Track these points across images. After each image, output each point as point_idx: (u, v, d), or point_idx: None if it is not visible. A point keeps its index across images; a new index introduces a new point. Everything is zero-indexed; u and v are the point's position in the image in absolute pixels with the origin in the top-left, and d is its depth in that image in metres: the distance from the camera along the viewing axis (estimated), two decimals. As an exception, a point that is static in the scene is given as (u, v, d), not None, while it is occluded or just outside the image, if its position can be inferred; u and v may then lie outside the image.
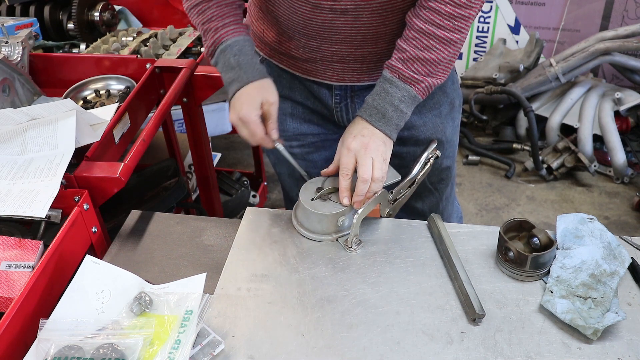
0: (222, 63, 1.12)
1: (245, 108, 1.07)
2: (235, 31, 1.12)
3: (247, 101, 1.08)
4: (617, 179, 2.82)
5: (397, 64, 1.04)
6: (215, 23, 1.11)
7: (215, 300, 0.97)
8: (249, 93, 1.08)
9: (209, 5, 1.11)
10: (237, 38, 1.11)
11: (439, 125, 1.28)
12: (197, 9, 1.12)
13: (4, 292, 0.93)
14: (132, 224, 1.20)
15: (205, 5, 1.12)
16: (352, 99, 1.24)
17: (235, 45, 1.10)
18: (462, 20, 0.99)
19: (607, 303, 0.93)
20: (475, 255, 1.07)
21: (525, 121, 2.97)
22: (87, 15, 1.96)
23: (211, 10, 1.11)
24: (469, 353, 0.89)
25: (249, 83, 1.08)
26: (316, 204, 1.10)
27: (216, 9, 1.12)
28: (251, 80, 1.09)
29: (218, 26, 1.11)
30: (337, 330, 0.92)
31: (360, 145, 1.04)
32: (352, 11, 1.05)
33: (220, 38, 1.11)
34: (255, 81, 1.09)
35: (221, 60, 1.12)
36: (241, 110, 1.07)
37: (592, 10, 3.07)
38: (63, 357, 0.81)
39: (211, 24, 1.12)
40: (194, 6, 1.13)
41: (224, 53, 1.11)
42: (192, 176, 2.17)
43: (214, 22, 1.11)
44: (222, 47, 1.11)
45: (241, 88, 1.09)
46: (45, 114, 1.18)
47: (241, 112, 1.07)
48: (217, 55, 1.12)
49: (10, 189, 1.05)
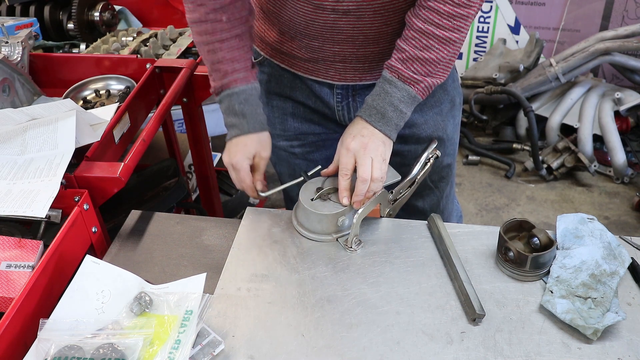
0: (226, 106, 1.15)
1: (239, 156, 1.13)
2: (245, 79, 1.14)
3: (242, 150, 1.14)
4: (617, 179, 2.82)
5: (396, 64, 1.04)
6: (225, 66, 1.12)
7: (215, 300, 0.97)
8: (246, 143, 1.14)
9: (222, 47, 1.11)
10: (245, 87, 1.13)
11: (440, 123, 1.28)
12: (209, 47, 1.12)
13: (4, 292, 0.93)
14: (132, 224, 1.20)
15: (218, 45, 1.11)
16: (353, 97, 1.24)
17: (242, 94, 1.13)
18: (461, 19, 0.99)
19: (607, 303, 0.93)
20: (475, 255, 1.07)
21: (525, 121, 2.97)
22: (87, 15, 1.96)
23: (223, 53, 1.11)
24: (469, 353, 0.89)
25: (249, 134, 1.14)
26: (316, 204, 1.10)
27: (228, 52, 1.11)
28: (251, 132, 1.14)
29: (228, 70, 1.12)
30: (337, 330, 0.92)
31: (359, 146, 1.04)
32: (354, 12, 1.05)
33: (229, 83, 1.13)
34: (254, 133, 1.14)
35: (226, 103, 1.15)
36: (234, 158, 1.13)
37: (592, 10, 3.07)
38: (63, 357, 0.81)
39: (221, 65, 1.12)
40: (205, 43, 1.12)
41: (230, 98, 1.14)
42: (192, 176, 2.17)
43: (224, 64, 1.12)
44: (229, 91, 1.13)
45: (240, 136, 1.14)
46: (45, 114, 1.18)
47: (234, 160, 1.13)
48: (223, 97, 1.15)
49: (10, 189, 1.05)
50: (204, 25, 1.10)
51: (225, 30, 1.10)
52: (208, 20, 1.09)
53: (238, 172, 1.15)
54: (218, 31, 1.10)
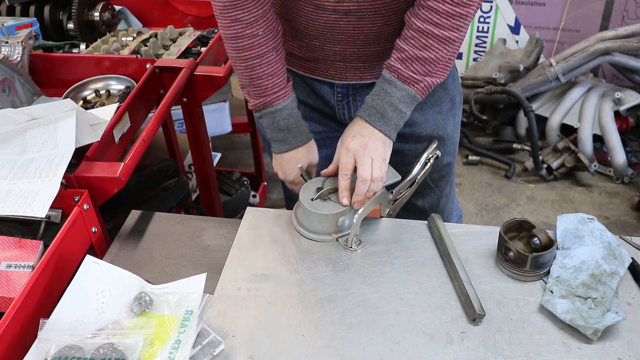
0: (269, 122, 1.16)
1: (295, 173, 1.21)
2: (285, 95, 1.14)
3: (295, 166, 1.20)
4: (617, 179, 2.82)
5: (396, 63, 1.04)
6: (266, 82, 1.12)
7: (215, 300, 0.97)
8: (298, 159, 1.20)
9: (260, 63, 1.10)
10: (287, 102, 1.14)
11: (440, 122, 1.28)
12: (247, 64, 1.10)
13: (4, 292, 0.93)
14: (132, 224, 1.20)
15: (257, 61, 1.09)
16: (354, 96, 1.24)
17: (285, 109, 1.14)
18: (460, 18, 0.99)
19: (607, 303, 0.93)
20: (475, 255, 1.07)
21: (525, 121, 2.97)
22: (87, 15, 1.96)
23: (262, 69, 1.10)
24: (469, 353, 0.89)
25: (298, 147, 1.19)
26: (316, 204, 1.10)
27: (267, 67, 1.10)
28: (299, 145, 1.19)
29: (268, 86, 1.12)
30: (337, 330, 0.92)
31: (359, 145, 1.04)
32: (355, 12, 1.05)
33: (272, 101, 1.13)
34: (302, 146, 1.19)
35: (268, 120, 1.16)
36: (291, 175, 1.22)
37: (592, 10, 3.07)
38: (63, 357, 0.81)
39: (261, 82, 1.12)
40: (243, 59, 1.10)
41: (272, 115, 1.15)
42: (192, 176, 2.18)
43: (264, 80, 1.12)
44: (271, 109, 1.14)
45: (290, 151, 1.19)
46: (45, 114, 1.18)
47: (291, 177, 1.22)
48: (265, 114, 1.16)
49: (10, 189, 1.05)
50: (241, 42, 1.07)
51: (263, 45, 1.08)
52: (245, 36, 1.06)
53: (297, 186, 1.22)
54: (256, 47, 1.08)
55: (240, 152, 3.15)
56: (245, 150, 3.12)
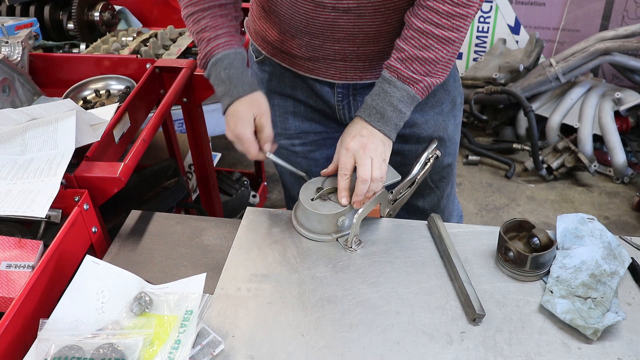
0: (214, 76, 1.12)
1: (239, 126, 1.09)
2: (227, 44, 1.11)
3: (240, 119, 1.09)
4: (617, 179, 2.82)
5: (395, 63, 1.04)
6: (208, 34, 1.11)
7: (215, 300, 0.97)
8: (241, 110, 1.09)
9: (204, 15, 1.11)
10: (229, 51, 1.11)
11: (441, 123, 1.28)
12: (193, 18, 1.12)
13: (4, 292, 0.93)
14: (132, 224, 1.20)
15: (200, 15, 1.11)
16: (354, 96, 1.24)
17: (225, 58, 1.10)
18: (461, 19, 0.99)
19: (607, 303, 0.93)
20: (475, 255, 1.07)
21: (525, 121, 2.97)
22: (87, 15, 1.96)
23: (205, 21, 1.10)
24: (469, 353, 0.89)
25: (239, 98, 1.10)
26: (316, 204, 1.10)
27: (210, 19, 1.10)
28: (241, 95, 1.10)
29: (210, 37, 1.11)
30: (337, 330, 0.92)
31: (359, 146, 1.04)
32: (355, 10, 1.05)
33: (212, 51, 1.11)
34: (245, 96, 1.10)
35: (213, 74, 1.12)
36: (235, 129, 1.09)
37: (592, 10, 3.07)
38: (63, 357, 0.81)
39: (204, 34, 1.11)
40: (190, 14, 1.12)
41: (215, 66, 1.11)
42: (192, 176, 2.17)
43: (207, 32, 1.11)
44: (213, 60, 1.11)
45: (232, 103, 1.10)
46: (45, 114, 1.18)
47: (235, 130, 1.09)
48: (209, 68, 1.13)
49: (10, 189, 1.05)
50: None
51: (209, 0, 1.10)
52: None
53: (243, 143, 1.11)
54: (201, 1, 1.10)
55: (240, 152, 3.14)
56: (245, 150, 3.11)
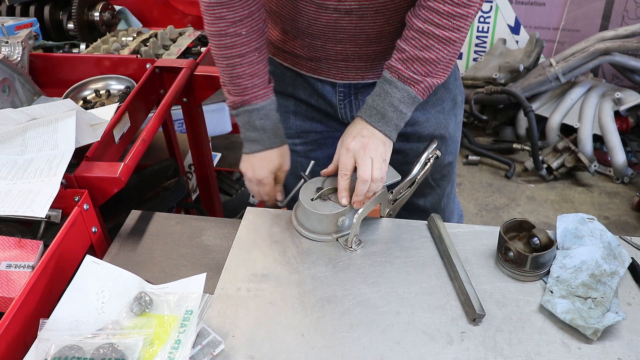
0: (244, 121, 1.16)
1: (265, 172, 1.18)
2: (264, 95, 1.14)
3: (267, 166, 1.18)
4: (617, 179, 2.82)
5: (396, 64, 1.04)
6: (245, 81, 1.12)
7: (215, 300, 0.97)
8: (271, 159, 1.18)
9: (241, 62, 1.10)
10: (265, 103, 1.14)
11: (442, 122, 1.28)
12: (228, 62, 1.11)
13: (4, 292, 0.93)
14: (132, 224, 1.20)
15: (237, 60, 1.10)
16: (356, 96, 1.24)
17: (262, 109, 1.14)
18: (461, 19, 0.99)
19: (607, 303, 0.93)
20: (475, 255, 1.07)
21: (525, 121, 2.97)
22: (87, 15, 1.96)
23: (243, 68, 1.11)
24: (469, 353, 0.89)
25: (271, 149, 1.17)
26: (316, 204, 1.10)
27: (248, 67, 1.11)
28: (273, 147, 1.17)
29: (248, 86, 1.12)
30: (337, 330, 0.92)
31: (359, 146, 1.04)
32: (357, 11, 1.05)
33: (249, 100, 1.13)
34: (277, 148, 1.18)
35: (244, 118, 1.16)
36: (261, 173, 1.18)
37: (592, 10, 3.07)
38: (63, 357, 0.81)
39: (241, 81, 1.12)
40: (225, 57, 1.11)
41: (249, 113, 1.14)
42: (192, 176, 2.17)
43: (244, 80, 1.12)
44: (249, 107, 1.14)
45: (262, 151, 1.17)
46: (45, 114, 1.18)
47: (260, 175, 1.19)
48: (241, 112, 1.15)
49: (10, 189, 1.05)
50: (224, 40, 1.08)
51: (245, 44, 1.09)
52: (228, 35, 1.07)
53: (264, 187, 1.20)
54: (238, 45, 1.09)
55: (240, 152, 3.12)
56: (245, 150, 3.11)
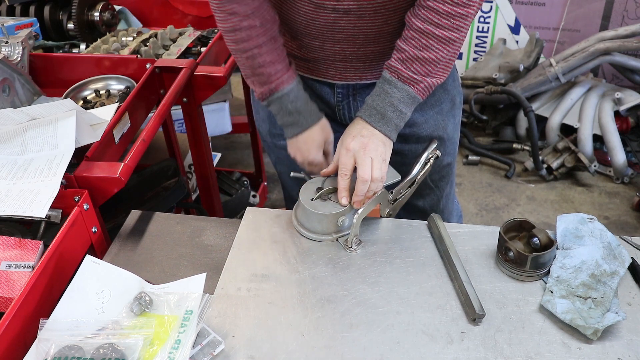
0: (277, 108, 1.16)
1: (313, 152, 1.18)
2: (290, 78, 1.14)
3: (311, 146, 1.17)
4: (617, 179, 2.82)
5: (396, 64, 1.04)
6: (268, 69, 1.12)
7: (215, 300, 0.97)
8: (313, 138, 1.17)
9: (260, 52, 1.10)
10: (292, 85, 1.14)
11: (441, 123, 1.28)
12: (247, 54, 1.11)
13: (4, 292, 0.93)
14: (132, 224, 1.20)
15: (256, 51, 1.10)
16: (354, 97, 1.24)
17: (291, 92, 1.14)
18: (461, 19, 0.99)
19: (607, 303, 0.93)
20: (475, 255, 1.07)
21: (525, 121, 2.97)
22: (87, 15, 1.96)
23: (263, 57, 1.11)
24: (469, 353, 0.89)
25: (310, 127, 1.17)
26: (316, 204, 1.10)
27: (268, 55, 1.11)
28: (311, 125, 1.17)
29: (271, 73, 1.12)
30: (337, 330, 0.92)
31: (359, 146, 1.04)
32: (355, 11, 1.05)
33: (277, 87, 1.14)
34: (315, 124, 1.17)
35: (277, 106, 1.16)
36: (310, 155, 1.18)
37: (592, 10, 3.07)
38: (63, 357, 0.81)
39: (264, 69, 1.12)
40: (243, 51, 1.11)
41: (280, 100, 1.15)
42: (192, 176, 2.18)
43: (266, 68, 1.12)
44: (278, 94, 1.14)
45: (303, 132, 1.17)
46: (45, 114, 1.18)
47: (310, 157, 1.18)
48: (272, 100, 1.16)
49: (10, 189, 1.05)
50: (240, 34, 1.08)
51: (261, 35, 1.09)
52: (242, 28, 1.07)
53: (315, 167, 1.19)
54: (254, 37, 1.09)
55: (240, 152, 3.15)
56: (245, 150, 3.12)
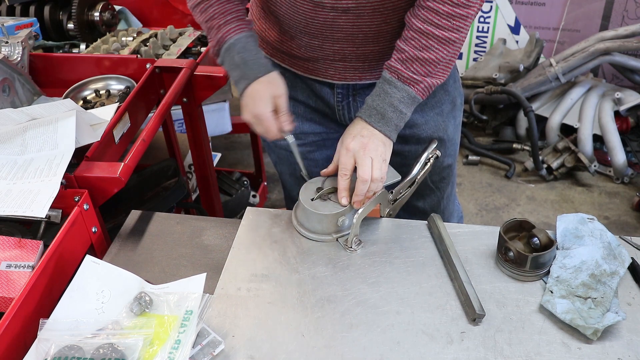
0: (227, 62, 1.13)
1: (258, 105, 1.09)
2: (238, 28, 1.11)
3: (258, 98, 1.09)
4: (617, 179, 2.82)
5: (396, 64, 1.04)
6: (217, 20, 1.11)
7: (215, 300, 0.97)
8: (258, 90, 1.10)
9: (211, 3, 1.11)
10: (240, 35, 1.11)
11: (441, 124, 1.28)
12: (200, 7, 1.12)
13: (4, 292, 0.93)
14: (132, 224, 1.20)
15: (207, 3, 1.11)
16: (354, 97, 1.24)
17: (238, 43, 1.11)
18: (461, 19, 0.99)
19: (607, 303, 0.93)
20: (475, 255, 1.07)
21: (525, 121, 2.97)
22: (87, 15, 1.96)
23: (213, 8, 1.11)
24: (469, 353, 0.89)
25: (256, 79, 1.10)
26: (316, 204, 1.10)
27: (218, 6, 1.11)
28: (258, 77, 1.10)
29: (220, 24, 1.11)
30: (337, 330, 0.92)
31: (359, 146, 1.04)
32: (354, 10, 1.05)
33: (224, 37, 1.11)
34: (262, 77, 1.10)
35: (227, 59, 1.12)
36: (255, 108, 1.09)
37: (592, 10, 3.07)
38: (63, 357, 0.81)
39: (213, 21, 1.11)
40: (196, 5, 1.12)
41: (228, 52, 1.11)
42: (192, 176, 2.17)
43: (216, 19, 1.11)
44: (226, 45, 1.11)
45: (249, 85, 1.10)
46: (45, 114, 1.18)
47: (255, 110, 1.10)
48: (223, 54, 1.13)
49: (10, 189, 1.05)
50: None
51: None
52: None
53: (262, 122, 1.10)
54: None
55: (240, 152, 3.15)
56: (245, 150, 3.12)
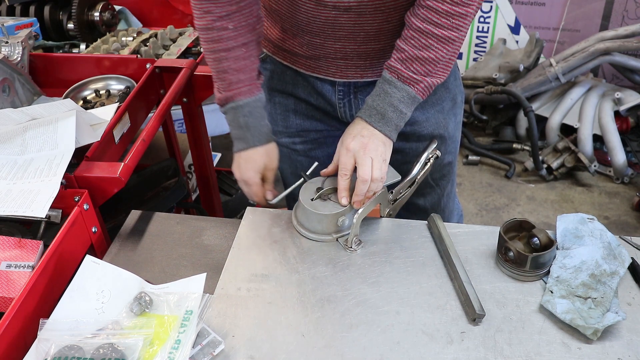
0: (231, 118, 1.16)
1: (249, 173, 1.17)
2: (249, 91, 1.13)
3: (251, 166, 1.17)
4: (617, 179, 2.83)
5: (396, 64, 1.04)
6: (230, 76, 1.12)
7: (215, 300, 0.97)
8: (254, 158, 1.16)
9: (227, 57, 1.10)
10: (249, 100, 1.13)
11: (442, 121, 1.28)
12: (215, 56, 1.11)
13: (4, 292, 0.93)
14: (132, 224, 1.20)
15: (223, 54, 1.10)
16: (355, 95, 1.24)
17: (246, 106, 1.13)
18: (460, 18, 0.99)
19: (607, 303, 0.93)
20: (475, 255, 1.07)
21: (525, 121, 2.97)
22: (87, 15, 1.96)
23: (228, 62, 1.11)
24: (469, 353, 0.89)
25: (254, 147, 1.16)
26: (316, 204, 1.10)
27: (233, 61, 1.11)
28: (256, 145, 1.16)
29: (232, 81, 1.12)
30: (337, 330, 0.92)
31: (359, 146, 1.04)
32: (356, 8, 1.05)
33: (233, 96, 1.13)
34: (261, 146, 1.16)
35: (230, 115, 1.16)
36: (245, 174, 1.17)
37: (592, 10, 3.08)
38: (63, 357, 0.81)
39: (226, 75, 1.12)
40: (211, 51, 1.11)
41: (234, 110, 1.14)
42: (192, 176, 2.17)
43: (229, 75, 1.12)
44: (233, 104, 1.14)
45: (246, 150, 1.16)
46: (45, 114, 1.18)
47: (245, 176, 1.17)
48: (228, 109, 1.16)
49: (10, 189, 1.05)
50: (211, 33, 1.09)
51: (232, 38, 1.09)
52: (214, 28, 1.08)
53: (250, 187, 1.18)
54: (224, 40, 1.09)
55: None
56: (245, 150, 3.11)
